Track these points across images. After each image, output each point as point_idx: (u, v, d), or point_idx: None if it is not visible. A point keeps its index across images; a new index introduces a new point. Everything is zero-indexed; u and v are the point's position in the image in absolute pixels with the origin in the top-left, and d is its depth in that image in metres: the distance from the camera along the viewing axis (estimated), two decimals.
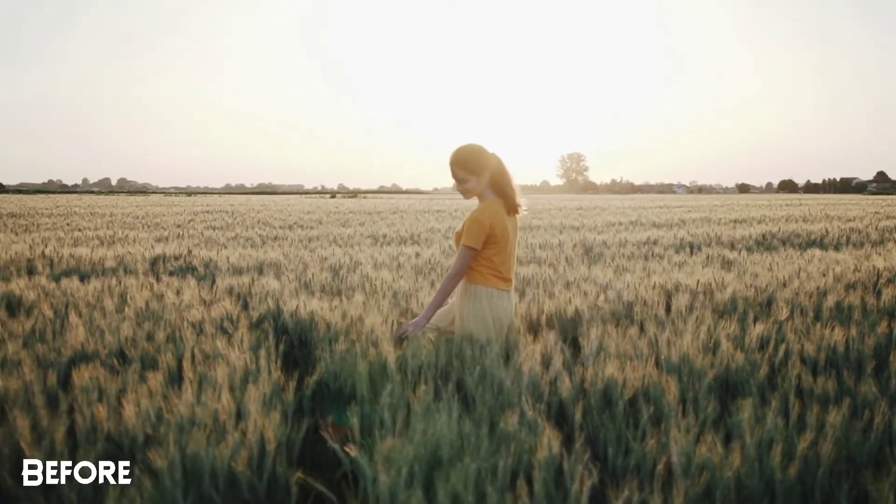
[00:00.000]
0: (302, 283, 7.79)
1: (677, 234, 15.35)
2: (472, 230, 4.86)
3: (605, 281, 7.55)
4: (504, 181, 5.02)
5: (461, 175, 4.95)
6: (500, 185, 5.02)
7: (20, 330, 5.04)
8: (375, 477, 2.75)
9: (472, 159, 4.94)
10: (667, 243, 13.39)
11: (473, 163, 4.94)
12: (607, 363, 3.98)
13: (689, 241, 13.74)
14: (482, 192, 5.03)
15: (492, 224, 4.88)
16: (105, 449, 3.12)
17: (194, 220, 24.74)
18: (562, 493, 2.82)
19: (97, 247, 12.77)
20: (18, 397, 3.60)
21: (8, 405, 3.51)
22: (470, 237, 4.86)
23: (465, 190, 4.98)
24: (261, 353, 4.20)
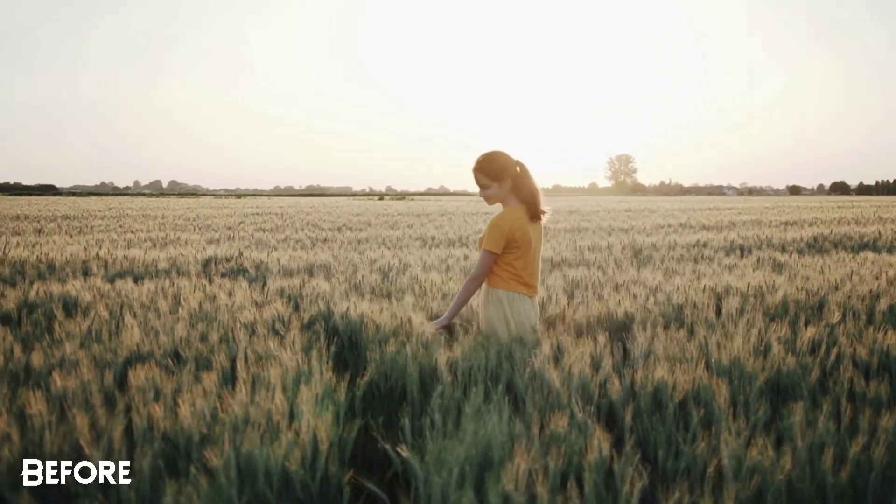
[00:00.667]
0: (352, 284, 7.85)
1: (727, 236, 15.24)
2: (493, 235, 4.92)
3: (654, 283, 7.52)
4: (527, 187, 5.08)
5: (483, 181, 5.01)
6: (523, 192, 5.06)
7: (77, 330, 5.13)
8: (427, 477, 2.78)
9: (494, 166, 5.00)
10: (717, 246, 13.30)
11: (496, 169, 4.99)
12: (657, 366, 3.98)
13: (740, 244, 13.64)
14: (505, 197, 5.08)
15: (512, 229, 4.93)
16: (162, 448, 3.18)
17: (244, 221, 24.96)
18: (612, 494, 2.83)
19: (150, 248, 12.93)
20: (77, 396, 3.67)
21: (67, 404, 3.59)
22: (490, 241, 4.92)
23: (488, 196, 5.05)
24: (312, 354, 4.25)
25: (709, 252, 12.05)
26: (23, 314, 6.11)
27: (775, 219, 25.57)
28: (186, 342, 4.81)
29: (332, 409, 3.51)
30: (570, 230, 19.15)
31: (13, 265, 9.59)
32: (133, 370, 3.87)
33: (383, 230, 19.71)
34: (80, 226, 22.21)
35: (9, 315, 6.24)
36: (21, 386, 3.92)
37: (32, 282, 7.90)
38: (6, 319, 6.10)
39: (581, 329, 5.62)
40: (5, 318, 6.16)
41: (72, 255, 10.52)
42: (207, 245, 13.69)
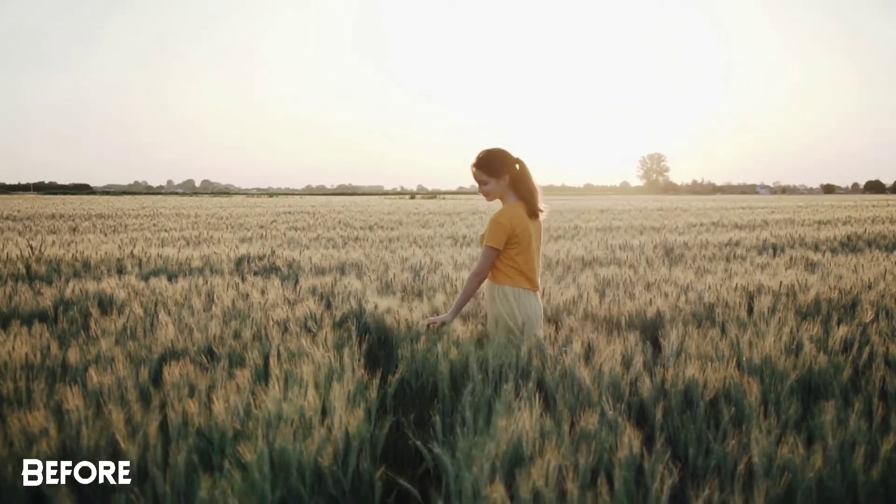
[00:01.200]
0: (383, 283, 7.89)
1: (760, 235, 15.18)
2: (494, 231, 4.94)
3: (685, 282, 7.52)
4: (525, 185, 5.08)
5: (481, 177, 5.02)
6: (522, 189, 5.08)
7: (112, 327, 5.20)
8: (458, 473, 2.81)
9: (492, 162, 5.02)
10: (749, 245, 13.25)
11: (493, 166, 5.01)
12: (688, 364, 3.98)
13: (772, 243, 13.57)
14: (503, 194, 5.09)
15: (513, 224, 4.95)
16: (196, 443, 3.22)
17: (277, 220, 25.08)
18: (642, 491, 2.84)
19: (183, 247, 13.03)
20: (112, 392, 3.73)
21: (103, 399, 3.64)
22: (491, 237, 4.94)
23: (485, 192, 5.06)
24: (344, 352, 4.28)
25: (741, 251, 12.01)
26: (59, 311, 6.19)
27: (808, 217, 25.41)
28: (220, 339, 4.86)
29: (364, 405, 3.54)
30: (602, 229, 19.11)
31: (49, 263, 9.70)
32: (168, 367, 3.92)
33: (414, 229, 19.75)
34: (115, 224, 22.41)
35: (45, 312, 6.32)
36: (58, 382, 3.98)
37: (68, 280, 8.01)
38: (43, 317, 6.18)
39: (612, 327, 5.62)
40: (42, 315, 6.24)
41: (106, 254, 10.64)
42: (240, 243, 13.78)
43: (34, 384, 3.73)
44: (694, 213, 32.42)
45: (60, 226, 21.51)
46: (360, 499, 3.16)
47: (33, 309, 6.39)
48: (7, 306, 6.40)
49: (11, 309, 6.35)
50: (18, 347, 4.38)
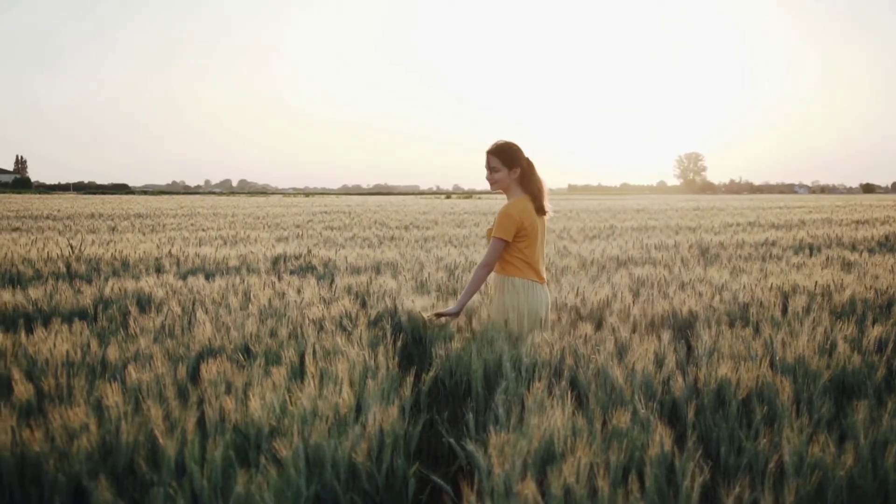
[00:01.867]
0: (418, 282, 7.93)
1: (796, 235, 15.08)
2: (503, 223, 5.06)
3: (720, 282, 7.50)
4: (534, 182, 5.22)
5: (495, 164, 5.16)
6: (531, 185, 5.21)
7: (151, 325, 5.27)
8: (490, 469, 2.84)
9: (508, 153, 5.16)
10: (785, 244, 13.17)
11: (508, 156, 5.16)
12: (721, 363, 3.99)
13: (809, 243, 13.48)
14: (509, 185, 5.22)
15: (521, 217, 5.07)
16: (233, 439, 3.27)
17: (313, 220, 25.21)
18: (673, 489, 2.86)
19: (220, 246, 13.14)
20: (151, 389, 3.79)
21: (142, 396, 3.70)
22: (501, 229, 5.06)
23: (495, 180, 5.19)
24: (379, 350, 4.33)
25: (777, 251, 11.95)
26: (99, 310, 6.28)
27: (846, 217, 25.18)
28: (256, 337, 4.92)
29: (398, 403, 3.57)
30: (638, 229, 19.06)
31: (89, 262, 9.83)
32: (205, 364, 3.98)
33: (450, 228, 19.78)
34: (153, 224, 22.61)
35: (85, 311, 6.41)
36: (98, 379, 4.04)
37: (107, 278, 8.11)
38: (83, 315, 6.27)
39: (646, 327, 5.63)
40: (82, 313, 6.33)
41: (145, 253, 10.76)
42: (277, 243, 13.87)
43: (74, 381, 3.80)
44: (730, 212, 32.24)
45: (100, 225, 21.73)
46: (393, 494, 3.20)
47: (73, 307, 6.48)
48: (48, 305, 6.50)
49: (52, 307, 6.45)
50: (59, 345, 4.46)
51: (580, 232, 17.56)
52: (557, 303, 6.31)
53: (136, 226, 21.68)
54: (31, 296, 6.65)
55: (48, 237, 15.38)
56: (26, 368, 4.16)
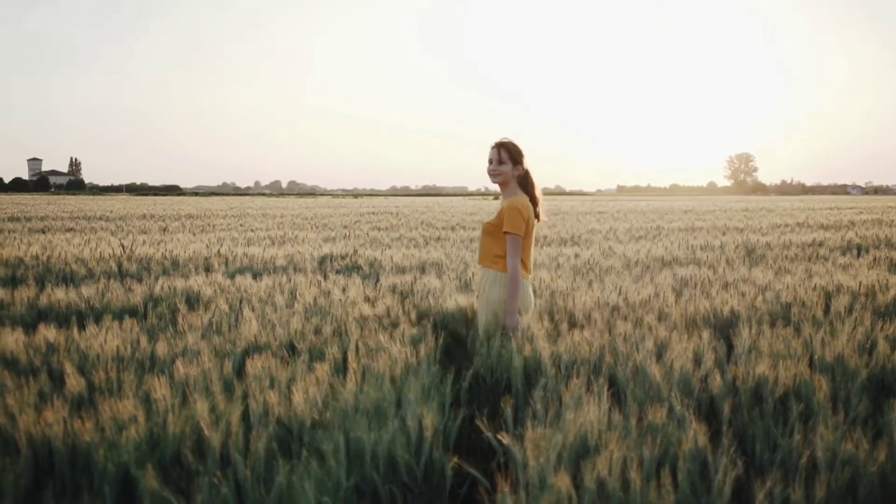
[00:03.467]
0: (462, 282, 7.99)
1: (845, 235, 14.95)
2: (515, 218, 5.14)
3: (764, 282, 7.49)
4: (531, 184, 5.37)
5: (504, 157, 5.28)
6: (531, 189, 5.36)
7: (199, 323, 5.38)
8: (525, 462, 2.89)
9: (517, 150, 5.30)
10: (833, 245, 13.07)
11: (517, 152, 5.30)
12: (759, 362, 4.02)
13: (857, 244, 13.36)
14: (509, 181, 5.33)
15: (527, 214, 5.21)
16: (276, 431, 3.36)
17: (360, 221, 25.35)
18: (706, 483, 2.90)
19: (268, 246, 13.29)
20: (198, 383, 3.89)
21: (188, 390, 3.80)
22: (514, 225, 5.12)
23: (498, 171, 5.29)
24: (421, 348, 4.40)
25: (824, 251, 11.86)
26: (148, 307, 6.41)
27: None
28: (301, 335, 5.01)
29: (438, 399, 3.64)
30: (684, 229, 18.99)
31: (140, 262, 10.01)
32: (250, 360, 4.09)
33: None
34: (203, 224, 22.87)
35: (135, 308, 6.55)
36: (146, 373, 4.16)
37: (157, 277, 8.27)
38: (133, 312, 6.41)
39: (686, 326, 5.64)
40: (132, 310, 6.47)
41: (194, 253, 10.93)
42: (324, 243, 14.00)
43: (124, 375, 3.91)
44: (779, 213, 31.96)
45: (151, 226, 22.03)
46: (431, 487, 3.26)
47: (124, 305, 6.63)
48: (100, 302, 6.65)
49: (104, 304, 6.60)
50: (110, 340, 4.58)
51: (626, 233, 17.53)
52: (600, 301, 6.33)
53: (187, 226, 21.95)
54: (83, 294, 6.82)
55: (101, 237, 15.65)
56: (78, 363, 4.28)
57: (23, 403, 3.37)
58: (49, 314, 6.43)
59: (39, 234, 17.99)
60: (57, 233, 18.41)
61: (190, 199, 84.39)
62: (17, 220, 26.00)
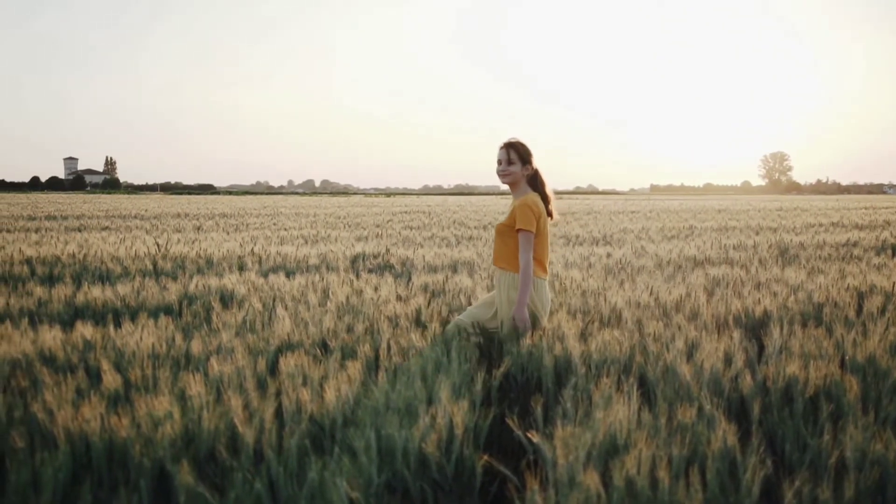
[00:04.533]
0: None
1: (880, 235, 14.84)
2: (527, 215, 5.19)
3: (796, 282, 7.47)
4: (542, 184, 5.45)
5: (513, 157, 5.34)
6: (542, 188, 5.43)
7: (233, 321, 5.45)
8: (555, 460, 2.92)
9: (525, 150, 5.38)
10: (867, 245, 12.98)
11: (525, 152, 5.38)
12: (790, 362, 4.02)
13: (892, 244, 13.26)
14: (519, 181, 5.40)
15: (539, 212, 5.26)
16: (308, 428, 3.40)
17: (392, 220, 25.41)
18: (734, 482, 2.91)
19: (301, 245, 13.38)
20: (232, 380, 3.94)
21: (223, 387, 3.85)
22: (526, 222, 5.18)
23: (508, 172, 5.35)
24: (452, 346, 4.43)
25: (858, 251, 11.78)
26: (183, 305, 6.49)
27: None
28: (333, 333, 5.06)
29: (469, 397, 3.67)
30: (717, 229, 18.92)
31: (174, 260, 10.11)
32: (284, 358, 4.13)
33: None
34: (237, 223, 23.01)
35: (170, 306, 6.64)
36: (181, 370, 4.21)
37: (192, 276, 8.35)
38: (168, 310, 6.49)
39: (717, 325, 5.64)
40: (167, 308, 6.56)
41: (228, 252, 11.02)
42: (356, 242, 14.07)
43: (159, 372, 3.97)
44: (814, 213, 31.74)
45: (185, 224, 22.20)
46: (462, 484, 3.30)
47: (159, 303, 6.72)
48: (135, 300, 6.74)
49: (139, 302, 6.69)
50: (145, 338, 4.65)
51: (659, 232, 17.49)
52: (631, 301, 6.34)
53: (221, 225, 22.09)
54: (119, 292, 6.91)
55: (136, 236, 15.80)
56: (114, 360, 4.35)
57: (61, 399, 3.43)
58: (86, 312, 6.52)
59: (76, 232, 18.19)
60: (93, 231, 18.60)
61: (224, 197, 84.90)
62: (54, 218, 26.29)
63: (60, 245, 12.18)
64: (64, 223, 22.73)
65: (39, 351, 4.52)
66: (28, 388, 3.80)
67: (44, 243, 12.97)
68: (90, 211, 33.03)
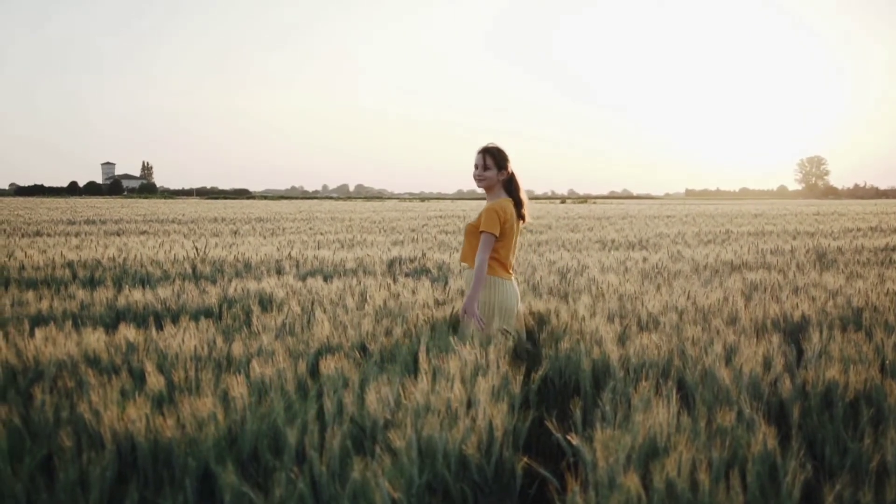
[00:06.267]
0: (530, 285, 8.04)
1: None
2: (491, 218, 5.39)
3: (835, 287, 7.42)
4: (517, 188, 5.60)
5: (487, 162, 5.53)
6: (516, 193, 5.59)
7: (272, 324, 5.50)
8: (595, 463, 2.94)
9: (501, 155, 5.56)
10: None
11: (501, 158, 5.56)
12: (830, 366, 4.01)
13: None
14: (494, 186, 5.58)
15: (504, 217, 5.42)
16: (350, 430, 3.44)
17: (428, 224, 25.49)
18: (775, 486, 2.92)
19: (338, 249, 13.45)
20: (273, 382, 3.99)
21: (265, 389, 3.90)
22: (490, 224, 5.38)
23: (483, 177, 5.54)
24: (490, 349, 4.45)
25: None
26: (223, 308, 6.56)
27: None
28: (372, 336, 5.10)
29: (508, 399, 3.69)
30: (754, 234, 18.84)
31: (213, 264, 10.21)
32: (323, 360, 4.17)
33: (563, 233, 19.81)
34: (273, 228, 23.17)
35: (210, 309, 6.71)
36: (223, 372, 4.27)
37: (231, 279, 8.44)
38: (208, 313, 6.56)
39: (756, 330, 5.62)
40: (207, 311, 6.63)
41: (266, 255, 11.12)
42: (392, 246, 14.13)
43: (202, 374, 4.02)
44: (851, 217, 31.51)
45: (222, 229, 22.38)
46: (501, 486, 3.32)
47: (199, 306, 6.79)
48: (176, 303, 6.82)
49: (180, 305, 6.77)
50: (187, 340, 4.71)
51: (695, 236, 17.44)
52: (668, 305, 6.34)
53: (257, 229, 22.26)
54: (160, 295, 6.99)
55: (174, 240, 15.94)
56: (158, 362, 4.41)
57: (107, 400, 3.49)
58: (127, 314, 6.61)
59: (115, 236, 18.40)
60: (131, 235, 18.81)
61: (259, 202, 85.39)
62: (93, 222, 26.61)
63: (100, 249, 12.34)
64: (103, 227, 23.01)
65: (84, 352, 4.59)
66: (74, 388, 3.85)
67: (84, 247, 13.14)
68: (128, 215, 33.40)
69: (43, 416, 3.47)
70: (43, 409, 3.50)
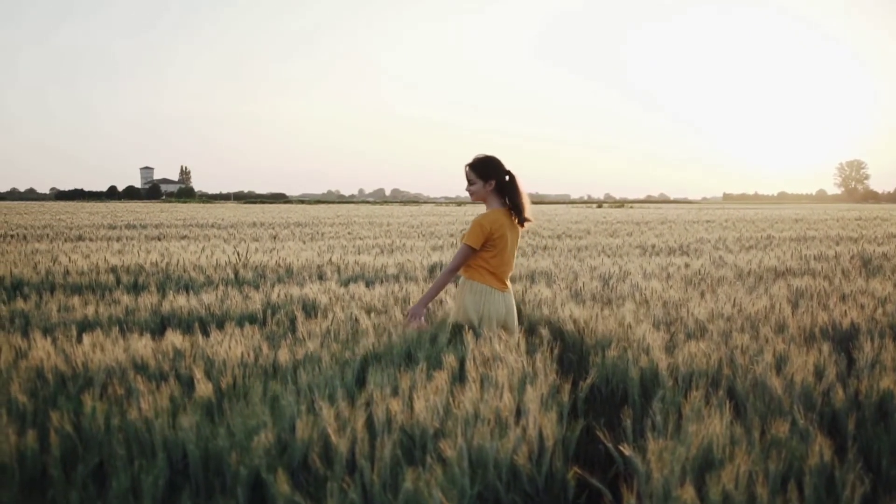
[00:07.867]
0: (572, 291, 8.00)
1: None
2: (474, 231, 5.41)
3: (883, 294, 7.33)
4: (515, 195, 5.54)
5: (471, 177, 5.54)
6: (511, 198, 5.54)
7: (317, 330, 5.50)
8: (649, 474, 2.91)
9: (484, 166, 5.52)
10: None
11: (484, 170, 5.51)
12: (883, 376, 3.95)
13: None
14: (486, 197, 5.56)
15: (492, 229, 5.40)
16: (400, 439, 3.42)
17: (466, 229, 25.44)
18: (832, 499, 2.88)
19: (378, 255, 13.46)
20: (321, 390, 3.98)
21: (313, 396, 3.90)
22: (471, 237, 5.41)
23: (471, 191, 5.56)
24: (537, 357, 4.43)
25: None
26: (267, 314, 6.58)
27: None
28: (418, 343, 5.08)
29: (556, 408, 3.66)
30: (796, 239, 18.66)
31: (255, 269, 10.25)
32: (371, 368, 4.16)
33: (602, 238, 19.72)
34: (312, 232, 23.22)
35: (254, 315, 6.73)
36: (270, 379, 4.27)
37: (273, 285, 8.45)
38: (252, 319, 6.58)
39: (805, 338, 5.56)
40: (252, 317, 6.65)
41: (307, 261, 11.14)
42: (432, 251, 14.12)
43: (250, 381, 4.03)
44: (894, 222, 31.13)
45: (261, 233, 22.46)
46: (553, 497, 3.30)
47: (243, 311, 6.81)
48: (220, 309, 6.84)
49: (223, 311, 6.79)
50: (234, 347, 4.72)
51: (736, 242, 17.30)
52: (714, 312, 6.28)
53: (296, 234, 22.31)
54: (203, 301, 7.02)
55: (214, 245, 16.03)
56: (205, 368, 4.42)
57: (157, 407, 3.50)
58: (172, 320, 6.64)
59: (156, 241, 18.52)
60: (172, 240, 18.91)
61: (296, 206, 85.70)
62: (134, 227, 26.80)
63: (143, 254, 12.41)
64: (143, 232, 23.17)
65: (132, 359, 4.61)
66: (123, 395, 3.87)
67: (126, 252, 13.25)
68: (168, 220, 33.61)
69: (94, 424, 3.48)
70: (94, 416, 3.51)
